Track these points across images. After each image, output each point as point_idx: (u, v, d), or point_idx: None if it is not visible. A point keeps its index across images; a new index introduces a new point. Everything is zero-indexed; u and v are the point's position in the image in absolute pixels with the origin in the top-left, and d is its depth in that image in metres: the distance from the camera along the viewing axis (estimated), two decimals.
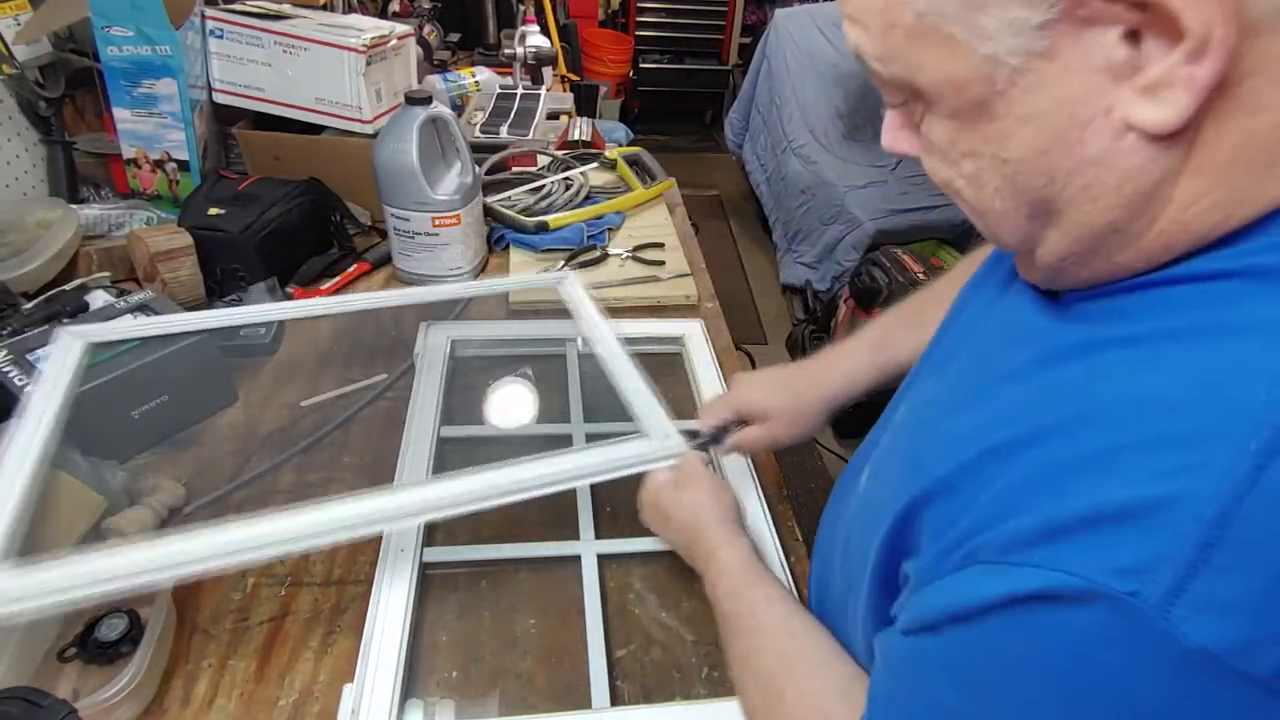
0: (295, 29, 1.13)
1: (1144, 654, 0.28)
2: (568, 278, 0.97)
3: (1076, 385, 0.34)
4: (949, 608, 0.34)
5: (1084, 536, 0.29)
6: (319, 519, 0.57)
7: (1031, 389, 0.36)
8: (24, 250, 0.95)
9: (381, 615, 0.62)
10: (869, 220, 2.55)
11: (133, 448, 0.79)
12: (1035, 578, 0.30)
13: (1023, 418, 0.34)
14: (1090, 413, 0.32)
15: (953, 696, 0.35)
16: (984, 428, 0.36)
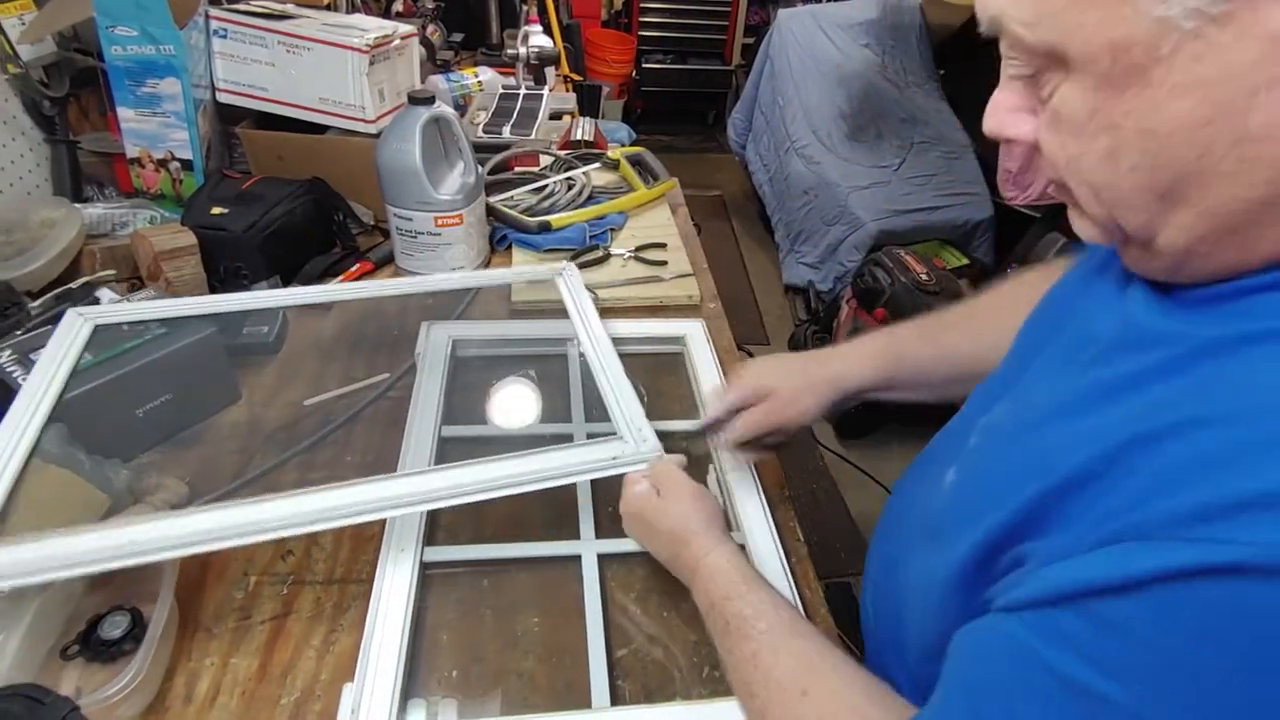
0: (299, 29, 1.14)
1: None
2: (568, 269, 0.97)
3: (1228, 379, 0.34)
4: (1093, 581, 0.34)
5: (1261, 514, 0.29)
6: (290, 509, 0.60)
7: (1173, 386, 0.36)
8: (28, 249, 0.96)
9: (382, 614, 0.62)
10: (871, 221, 2.55)
11: (136, 446, 0.79)
12: (1209, 552, 0.30)
13: (1167, 412, 0.35)
14: (1252, 404, 0.32)
15: (1082, 670, 0.34)
16: (1122, 422, 0.36)
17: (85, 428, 0.72)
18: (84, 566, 0.55)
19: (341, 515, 0.63)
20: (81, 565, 0.55)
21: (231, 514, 0.61)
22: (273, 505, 0.62)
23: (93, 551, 0.56)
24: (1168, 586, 0.31)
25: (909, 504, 0.62)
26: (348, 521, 0.63)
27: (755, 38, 3.88)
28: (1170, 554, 0.31)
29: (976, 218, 2.63)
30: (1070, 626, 0.35)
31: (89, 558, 0.56)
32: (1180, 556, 0.30)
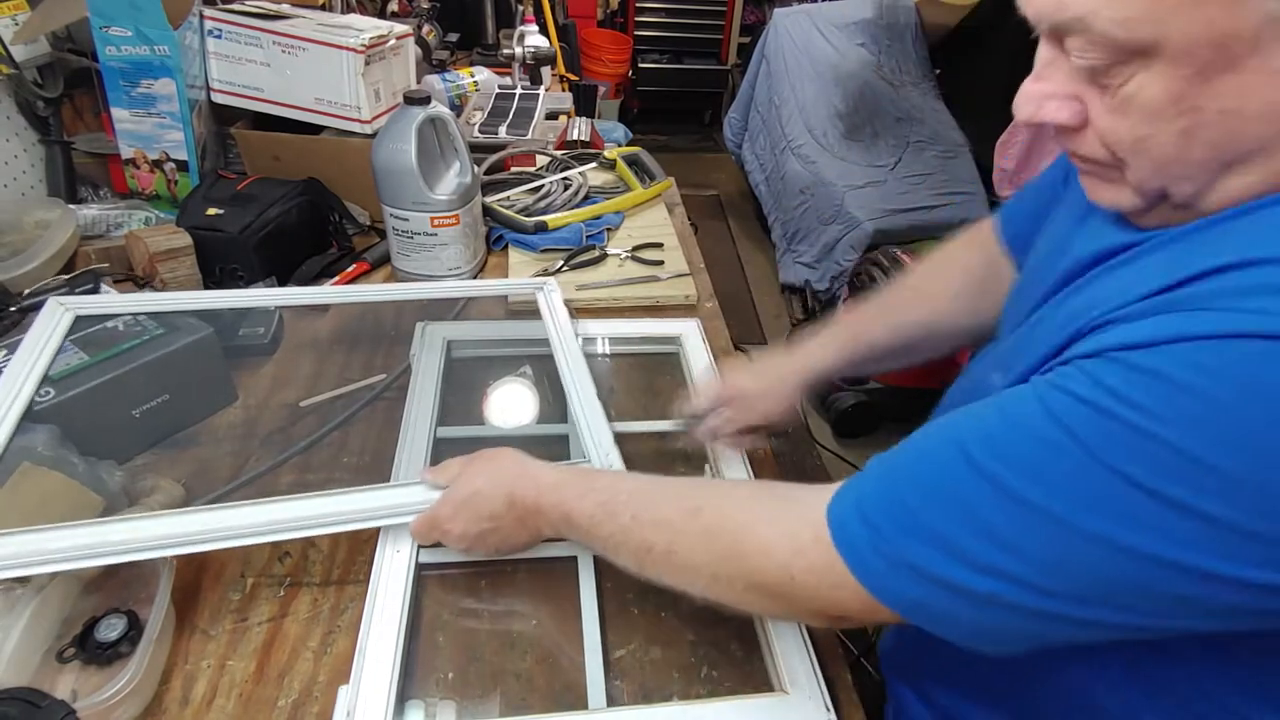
0: (294, 29, 1.13)
1: None
2: (549, 284, 0.97)
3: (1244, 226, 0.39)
4: (1124, 340, 0.38)
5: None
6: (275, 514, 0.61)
7: (1190, 240, 0.41)
8: (22, 250, 0.95)
9: (377, 616, 0.62)
10: (868, 220, 2.55)
11: (132, 448, 0.79)
12: (1235, 319, 0.34)
13: (1182, 259, 0.39)
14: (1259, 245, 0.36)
15: (1105, 398, 0.37)
16: (1156, 272, 0.40)
17: (80, 429, 0.71)
18: (77, 561, 0.55)
19: (340, 521, 0.63)
20: (75, 560, 0.55)
21: (227, 515, 0.61)
22: (270, 508, 0.63)
23: (87, 547, 0.56)
24: (1204, 344, 0.34)
25: None
26: (345, 528, 0.64)
27: (751, 37, 3.88)
28: (1213, 320, 0.35)
29: (972, 217, 2.62)
30: (1098, 369, 0.38)
31: (83, 553, 0.55)
32: (1224, 322, 0.34)
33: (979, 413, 0.43)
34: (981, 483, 0.40)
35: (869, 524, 0.44)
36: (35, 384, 0.69)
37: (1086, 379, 0.38)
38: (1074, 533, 0.37)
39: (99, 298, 0.82)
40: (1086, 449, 0.37)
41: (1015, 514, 0.39)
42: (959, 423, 0.44)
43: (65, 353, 0.76)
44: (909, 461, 0.46)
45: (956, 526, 0.40)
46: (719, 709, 0.59)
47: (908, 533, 0.42)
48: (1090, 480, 0.37)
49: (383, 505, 0.66)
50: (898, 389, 2.28)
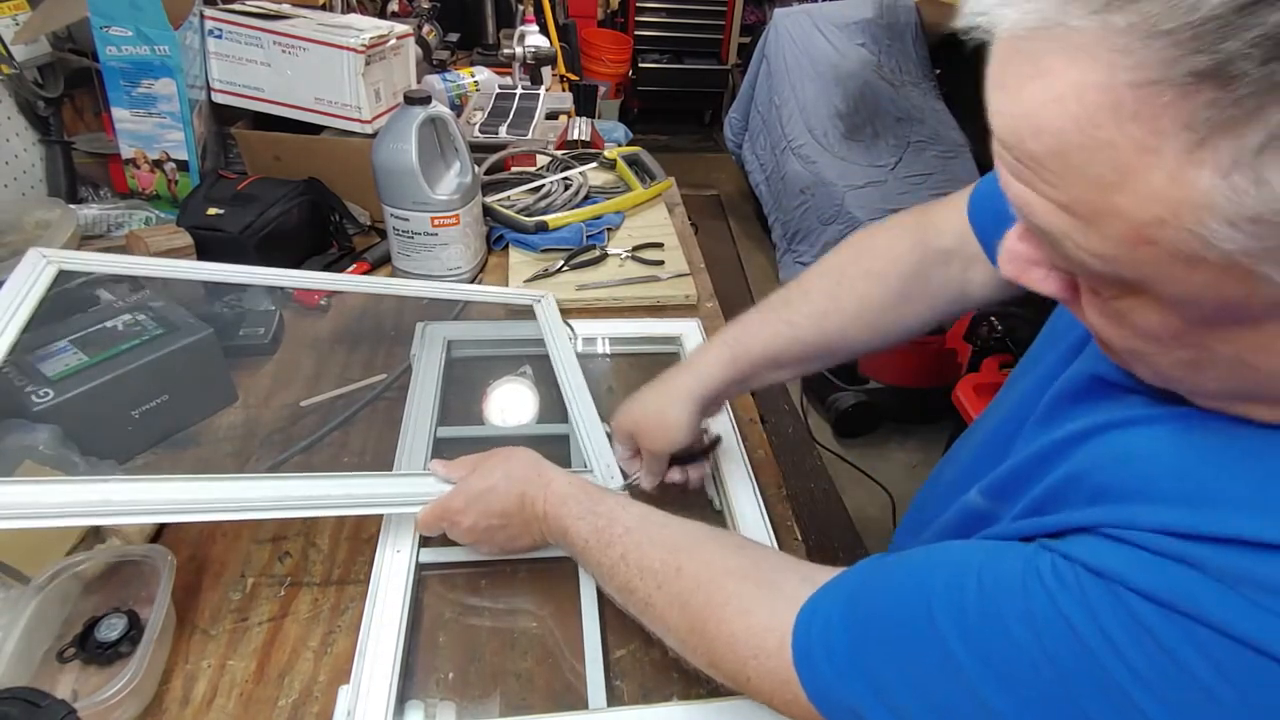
0: (294, 29, 1.13)
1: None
2: (546, 298, 0.97)
3: None
4: (1138, 583, 0.33)
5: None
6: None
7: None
8: (22, 250, 0.95)
9: (377, 616, 0.62)
10: (868, 220, 2.55)
11: (132, 448, 0.79)
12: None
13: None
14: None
15: (1090, 629, 0.33)
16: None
17: (80, 429, 0.71)
18: (74, 519, 0.55)
19: (344, 505, 0.63)
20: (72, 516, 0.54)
21: (232, 486, 0.60)
22: (275, 483, 0.62)
23: (87, 504, 0.55)
24: (1231, 645, 0.30)
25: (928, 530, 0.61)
26: (349, 512, 0.64)
27: (751, 37, 3.88)
28: (1248, 618, 0.30)
29: None
30: (1097, 597, 0.34)
31: (83, 510, 0.54)
32: (1262, 630, 0.30)
33: (958, 574, 0.40)
34: (943, 662, 0.38)
35: (831, 658, 0.43)
36: (15, 336, 0.66)
37: (1082, 604, 0.34)
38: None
39: (82, 254, 0.80)
40: (1061, 677, 0.34)
41: (966, 702, 0.37)
42: (938, 576, 0.41)
43: (65, 353, 0.76)
44: (882, 605, 0.43)
45: (908, 694, 0.39)
46: (719, 709, 0.59)
47: (866, 684, 0.41)
48: (1052, 704, 0.34)
49: (388, 493, 0.66)
50: (898, 389, 2.28)
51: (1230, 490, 0.33)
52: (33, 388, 0.71)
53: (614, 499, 0.61)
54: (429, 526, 0.66)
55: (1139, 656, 0.32)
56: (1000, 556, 0.39)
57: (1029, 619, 0.36)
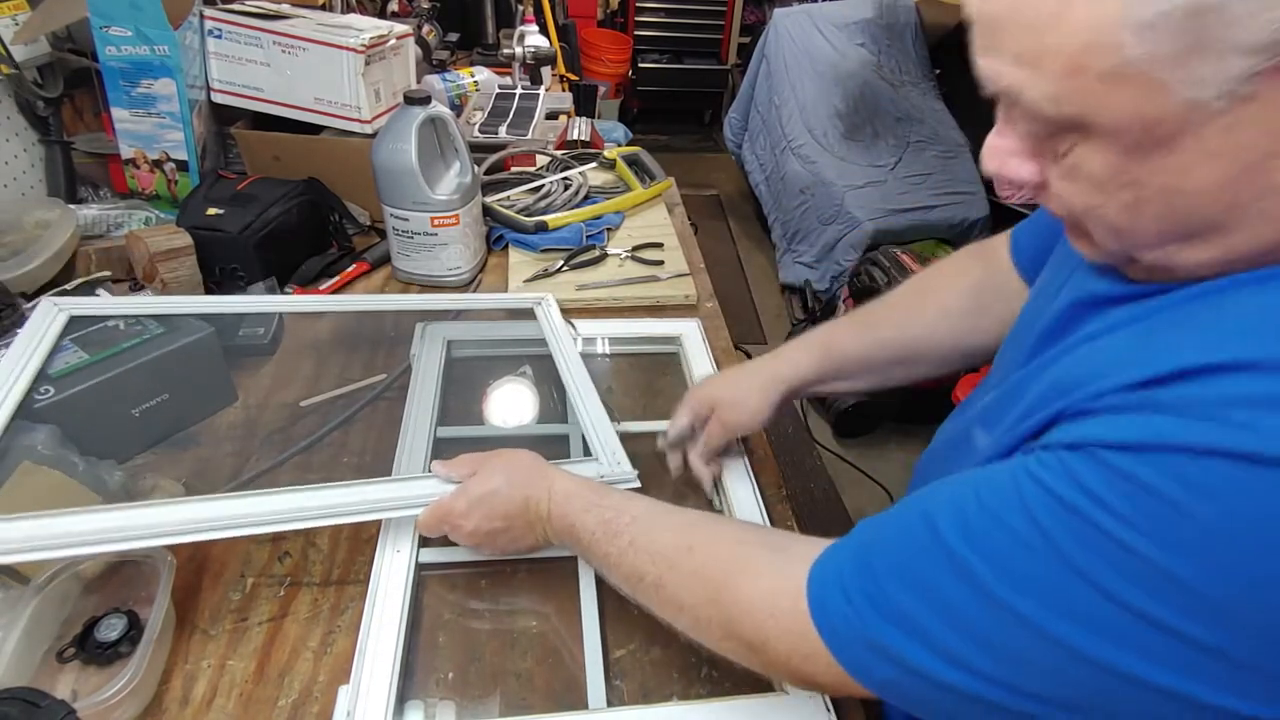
0: (294, 29, 1.13)
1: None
2: (546, 300, 0.97)
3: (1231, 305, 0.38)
4: (1107, 437, 0.36)
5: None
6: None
7: (1178, 311, 0.40)
8: (22, 250, 0.95)
9: (377, 616, 0.62)
10: (868, 220, 2.55)
11: (132, 447, 0.79)
12: (1234, 436, 0.32)
13: (1169, 331, 0.38)
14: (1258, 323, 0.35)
15: (1082, 499, 0.36)
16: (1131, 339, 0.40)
17: (80, 429, 0.71)
18: (78, 548, 0.55)
19: (343, 513, 0.63)
20: (76, 546, 0.55)
21: (231, 505, 0.61)
22: (273, 499, 0.62)
23: (88, 533, 0.55)
24: (1190, 457, 0.33)
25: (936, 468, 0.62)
26: (349, 520, 0.64)
27: (751, 37, 3.88)
28: (1199, 430, 0.33)
29: (973, 216, 2.64)
30: (1077, 466, 0.37)
31: (84, 539, 0.55)
32: (1210, 435, 0.33)
33: (957, 492, 0.43)
34: (953, 572, 0.40)
35: (847, 598, 0.44)
36: (27, 384, 0.69)
37: (1065, 475, 0.37)
38: (1041, 635, 0.36)
39: (93, 299, 0.82)
40: (1059, 551, 0.36)
41: (984, 608, 0.38)
42: (938, 499, 0.43)
43: (65, 351, 0.76)
44: (888, 538, 0.45)
45: (927, 613, 0.40)
46: (719, 709, 0.59)
47: (881, 613, 0.42)
48: (1061, 584, 0.36)
49: (387, 498, 0.66)
50: (898, 389, 2.28)
51: (1170, 341, 0.37)
52: (33, 385, 0.71)
53: (618, 493, 0.62)
54: (430, 528, 0.65)
55: (1121, 502, 0.34)
56: (991, 470, 0.42)
57: (1023, 509, 0.38)
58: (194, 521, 0.58)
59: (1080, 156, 0.38)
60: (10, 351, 0.70)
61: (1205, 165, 0.35)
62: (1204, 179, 0.35)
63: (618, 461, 0.74)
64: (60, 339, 0.76)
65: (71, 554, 0.56)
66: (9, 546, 0.53)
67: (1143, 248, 0.40)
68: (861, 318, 0.77)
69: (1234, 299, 0.37)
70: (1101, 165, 0.37)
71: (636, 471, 0.73)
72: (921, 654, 0.40)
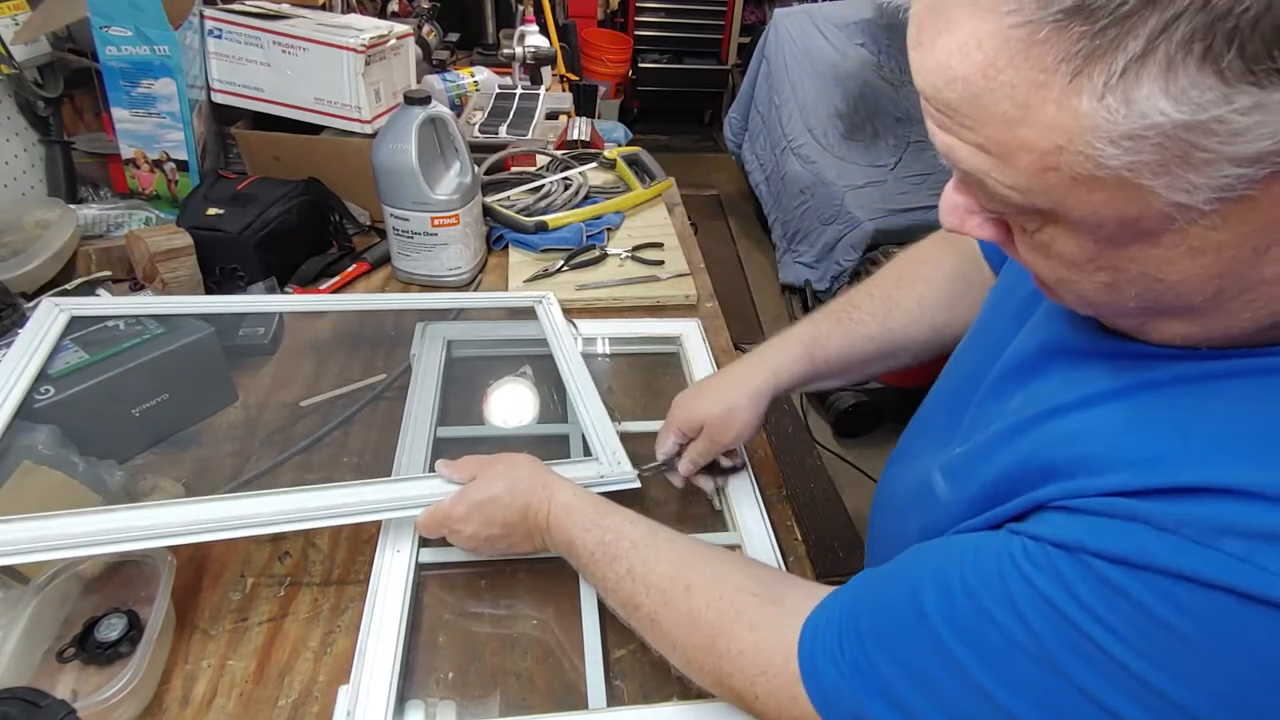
0: (294, 29, 1.13)
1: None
2: (547, 298, 0.97)
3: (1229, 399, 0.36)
4: (1101, 547, 0.35)
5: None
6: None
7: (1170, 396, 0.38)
8: (22, 250, 0.95)
9: (377, 616, 0.62)
10: (868, 220, 2.55)
11: (132, 447, 0.79)
12: (1238, 572, 0.31)
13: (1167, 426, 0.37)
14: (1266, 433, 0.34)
15: (1068, 603, 0.35)
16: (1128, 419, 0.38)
17: (80, 429, 0.71)
18: (78, 549, 0.55)
19: (344, 514, 0.63)
20: (76, 547, 0.55)
21: (232, 505, 0.61)
22: (274, 499, 0.62)
23: (88, 535, 0.55)
24: (1186, 586, 0.32)
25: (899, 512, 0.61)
26: (349, 520, 0.64)
27: (751, 37, 3.88)
28: (1195, 558, 0.32)
29: None
30: (1067, 570, 0.36)
31: (84, 540, 0.55)
32: (1208, 566, 0.32)
33: (944, 567, 0.42)
34: (938, 657, 0.39)
35: (836, 666, 0.44)
36: (28, 385, 0.69)
37: (1054, 577, 0.36)
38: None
39: (94, 300, 0.82)
40: (1048, 655, 0.36)
41: (971, 697, 0.38)
42: (924, 572, 0.43)
43: (65, 351, 0.76)
44: (877, 608, 0.44)
45: (915, 696, 0.40)
46: (719, 709, 0.59)
47: (869, 687, 0.42)
48: (1049, 687, 0.36)
49: (387, 498, 0.66)
50: (897, 389, 2.28)
51: (1163, 447, 0.36)
52: (34, 385, 0.71)
53: (620, 513, 0.61)
54: (429, 530, 0.65)
55: (1113, 615, 0.34)
56: (978, 550, 0.41)
57: (1010, 604, 0.37)
58: (194, 523, 0.59)
59: (1051, 236, 0.35)
60: (11, 352, 0.70)
61: (1188, 260, 0.32)
62: (1186, 272, 0.33)
63: (617, 461, 0.74)
64: (61, 339, 0.76)
65: (72, 555, 0.56)
66: (9, 548, 0.54)
67: (1118, 317, 0.39)
68: (842, 312, 0.74)
69: (1233, 395, 0.36)
70: (1075, 249, 0.35)
71: (636, 472, 0.73)
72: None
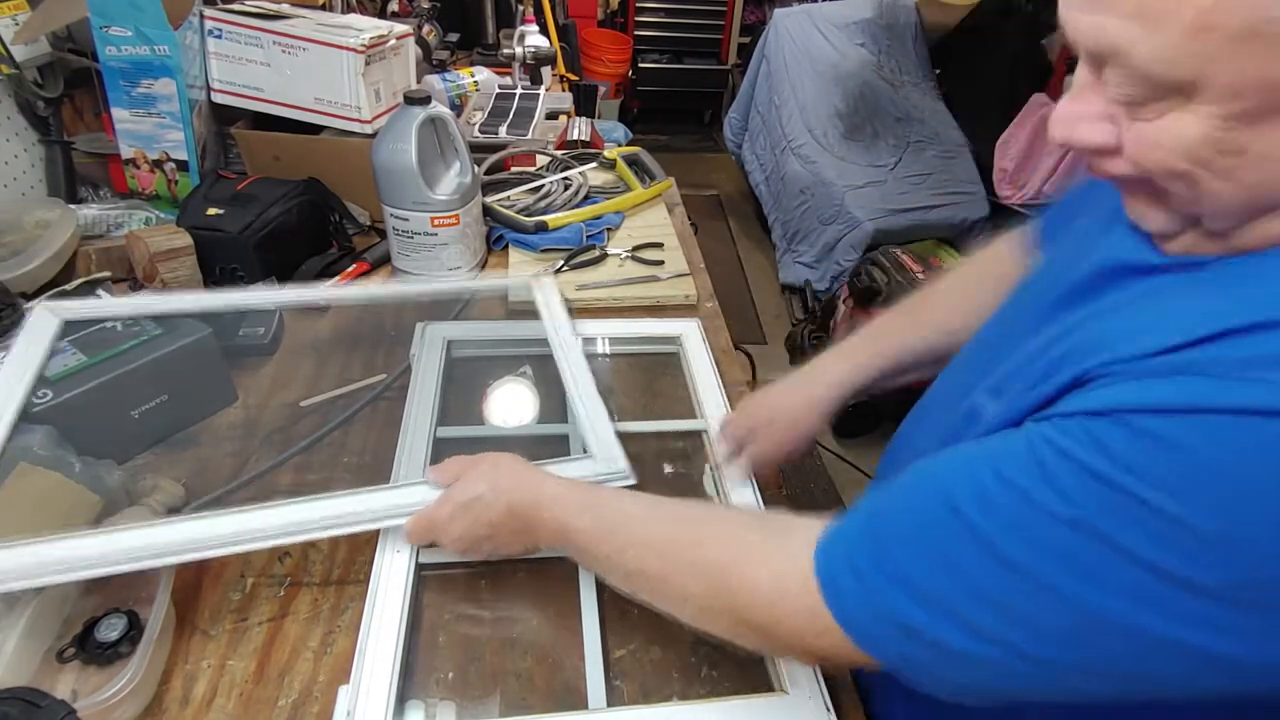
0: (294, 29, 1.13)
1: None
2: (546, 282, 0.97)
3: None
4: (1144, 402, 0.35)
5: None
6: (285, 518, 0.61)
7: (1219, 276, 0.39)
8: (22, 250, 0.95)
9: (377, 616, 0.62)
10: (868, 220, 2.55)
11: (132, 447, 0.79)
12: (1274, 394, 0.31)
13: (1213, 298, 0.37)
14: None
15: (1113, 470, 0.35)
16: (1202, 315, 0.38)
17: (79, 430, 0.71)
18: (77, 572, 0.55)
19: (340, 524, 0.63)
20: (74, 570, 0.55)
21: (228, 521, 0.61)
22: (269, 513, 0.62)
23: (87, 558, 0.56)
24: (1235, 418, 0.32)
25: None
26: (345, 531, 0.63)
27: (751, 37, 3.88)
28: (1235, 391, 0.32)
29: (973, 216, 2.64)
30: (1105, 432, 0.36)
31: (82, 563, 0.55)
32: (1248, 394, 0.32)
33: (971, 463, 0.42)
34: (974, 544, 0.39)
35: (856, 574, 0.43)
36: (26, 390, 0.69)
37: (1090, 442, 0.36)
38: (1072, 606, 0.36)
39: (87, 302, 0.82)
40: (1086, 519, 0.35)
41: (1009, 580, 0.37)
42: (949, 470, 0.43)
43: (64, 354, 0.76)
44: (899, 511, 0.44)
45: (946, 586, 0.39)
46: (719, 709, 0.59)
47: (896, 587, 0.41)
48: (1090, 554, 0.35)
49: (382, 507, 0.66)
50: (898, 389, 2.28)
51: (1205, 306, 0.36)
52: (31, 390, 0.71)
53: (610, 490, 0.61)
54: (417, 537, 0.65)
55: (1155, 467, 0.34)
56: (1004, 440, 0.41)
57: (1047, 479, 0.37)
58: (192, 541, 0.58)
59: (1174, 121, 0.35)
60: (6, 361, 0.70)
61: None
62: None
63: (613, 458, 0.73)
64: (59, 341, 0.76)
65: (70, 579, 0.56)
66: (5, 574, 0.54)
67: (1218, 214, 0.38)
68: (909, 317, 0.76)
69: (1275, 264, 0.36)
70: (1199, 132, 0.35)
71: (631, 468, 0.72)
72: (939, 626, 0.39)
